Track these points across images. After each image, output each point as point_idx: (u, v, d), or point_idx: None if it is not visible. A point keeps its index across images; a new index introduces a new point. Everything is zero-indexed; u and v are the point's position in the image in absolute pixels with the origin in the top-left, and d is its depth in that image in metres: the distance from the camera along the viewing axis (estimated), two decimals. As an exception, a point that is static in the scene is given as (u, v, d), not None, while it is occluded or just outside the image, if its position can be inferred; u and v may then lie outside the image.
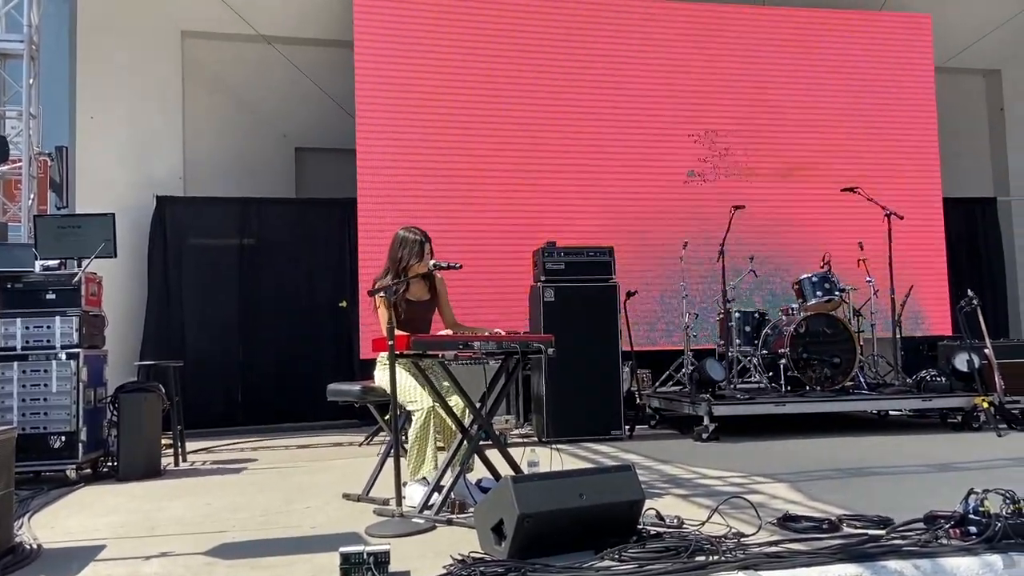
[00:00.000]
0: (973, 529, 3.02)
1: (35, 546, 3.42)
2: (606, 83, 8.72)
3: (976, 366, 6.82)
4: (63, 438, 5.22)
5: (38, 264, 5.51)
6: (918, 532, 3.13)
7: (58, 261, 5.57)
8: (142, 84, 8.33)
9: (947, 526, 3.08)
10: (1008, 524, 3.00)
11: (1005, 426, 6.48)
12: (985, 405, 6.56)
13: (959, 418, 6.82)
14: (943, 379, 7.01)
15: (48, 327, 5.31)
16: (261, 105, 8.98)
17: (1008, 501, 3.11)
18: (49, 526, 3.91)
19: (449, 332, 4.29)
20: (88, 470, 5.47)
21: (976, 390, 6.75)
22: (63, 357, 5.28)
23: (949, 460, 5.17)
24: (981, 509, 3.07)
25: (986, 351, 6.96)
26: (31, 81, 7.47)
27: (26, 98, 7.43)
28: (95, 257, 5.56)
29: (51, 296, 5.36)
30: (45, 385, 5.25)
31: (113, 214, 5.81)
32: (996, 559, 2.89)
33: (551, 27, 8.63)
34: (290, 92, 8.78)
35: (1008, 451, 5.54)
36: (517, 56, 8.52)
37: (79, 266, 5.52)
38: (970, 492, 3.14)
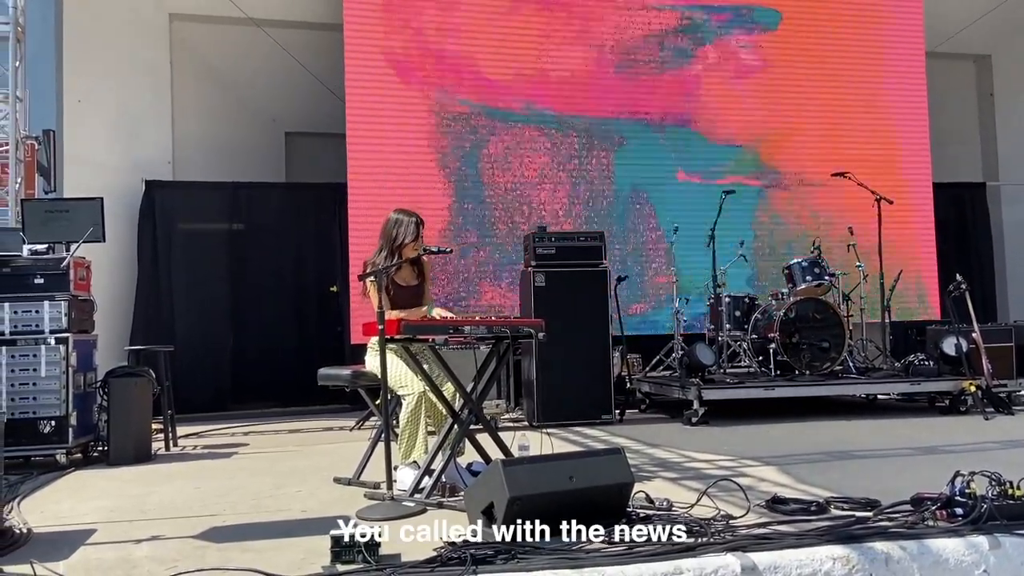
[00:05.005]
0: (959, 511, 3.05)
1: (25, 530, 3.41)
2: (598, 67, 8.68)
3: (964, 350, 6.85)
4: (53, 423, 5.21)
5: (26, 248, 5.47)
6: (905, 514, 3.16)
7: (46, 246, 5.53)
8: (129, 67, 8.24)
9: (933, 508, 3.11)
10: (994, 506, 3.03)
11: (992, 410, 6.52)
12: (972, 389, 6.60)
13: (947, 402, 6.85)
14: (931, 363, 7.05)
15: (36, 312, 5.29)
16: (250, 89, 8.92)
17: (994, 483, 3.14)
18: (39, 510, 3.90)
19: (445, 314, 4.29)
20: (78, 455, 5.47)
21: (964, 374, 6.79)
22: (52, 342, 5.26)
23: (936, 443, 5.21)
24: (967, 491, 3.09)
25: (974, 335, 7.00)
26: (17, 64, 7.41)
27: (12, 81, 7.38)
28: (83, 242, 5.53)
29: (39, 281, 5.33)
30: (34, 370, 5.23)
31: (101, 199, 5.77)
32: (982, 540, 2.91)
33: (544, 8, 8.57)
34: (279, 76, 8.71)
35: (995, 434, 5.59)
36: (509, 37, 8.46)
37: (67, 251, 5.49)
38: (956, 474, 3.16)
